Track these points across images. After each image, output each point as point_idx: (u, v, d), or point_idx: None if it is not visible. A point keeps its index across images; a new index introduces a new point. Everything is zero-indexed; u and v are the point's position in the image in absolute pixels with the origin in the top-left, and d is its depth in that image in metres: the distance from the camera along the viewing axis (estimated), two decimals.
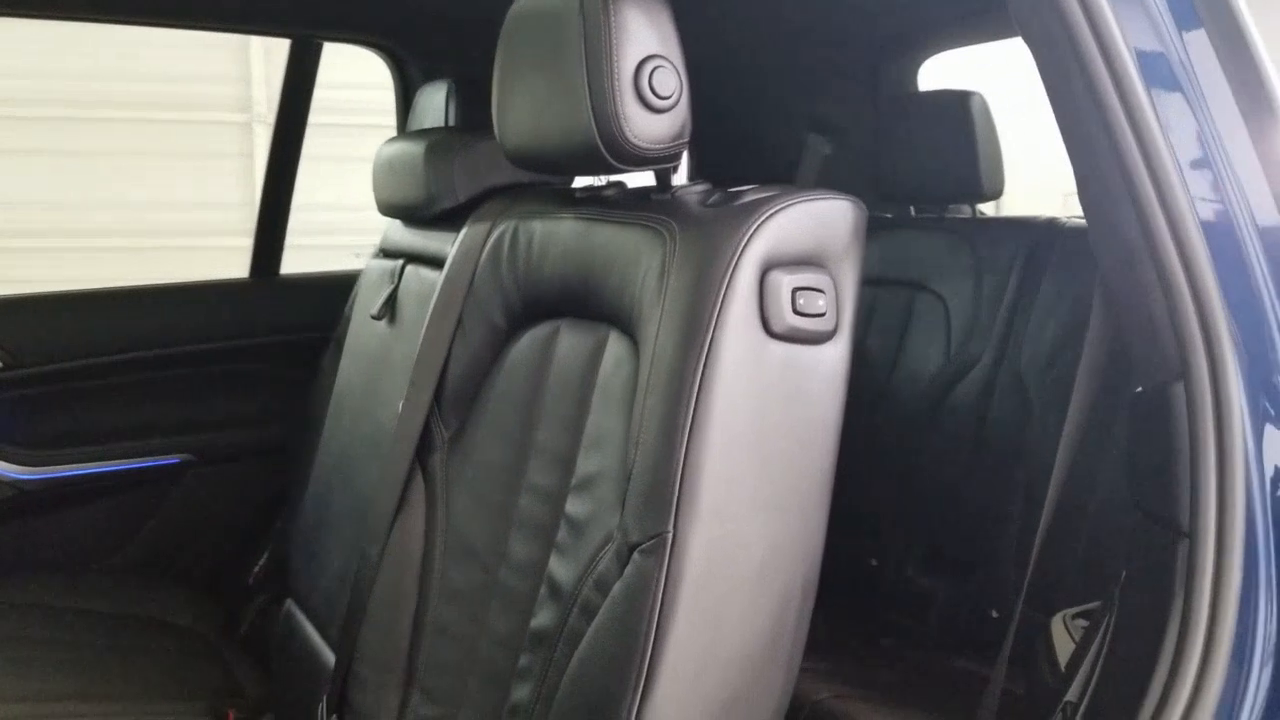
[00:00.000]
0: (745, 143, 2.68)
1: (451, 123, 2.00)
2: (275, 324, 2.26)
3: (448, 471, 1.26)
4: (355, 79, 2.65)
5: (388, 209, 1.83)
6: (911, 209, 2.41)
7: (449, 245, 1.36)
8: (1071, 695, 1.02)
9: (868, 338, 2.26)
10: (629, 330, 1.02)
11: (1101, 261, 1.04)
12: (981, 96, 2.14)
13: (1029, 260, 2.02)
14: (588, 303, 1.10)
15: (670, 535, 0.89)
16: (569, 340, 1.14)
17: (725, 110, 2.66)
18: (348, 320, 2.18)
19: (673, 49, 0.99)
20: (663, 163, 1.03)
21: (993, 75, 2.15)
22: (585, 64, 0.97)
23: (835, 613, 2.00)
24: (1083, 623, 1.16)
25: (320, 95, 2.40)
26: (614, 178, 1.16)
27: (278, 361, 2.25)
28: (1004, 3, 1.03)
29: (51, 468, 2.12)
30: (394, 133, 2.44)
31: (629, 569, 0.92)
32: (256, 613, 2.13)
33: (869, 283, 2.30)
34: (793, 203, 0.95)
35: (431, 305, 1.32)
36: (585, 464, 1.05)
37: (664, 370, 0.93)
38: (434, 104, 2.04)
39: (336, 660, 1.33)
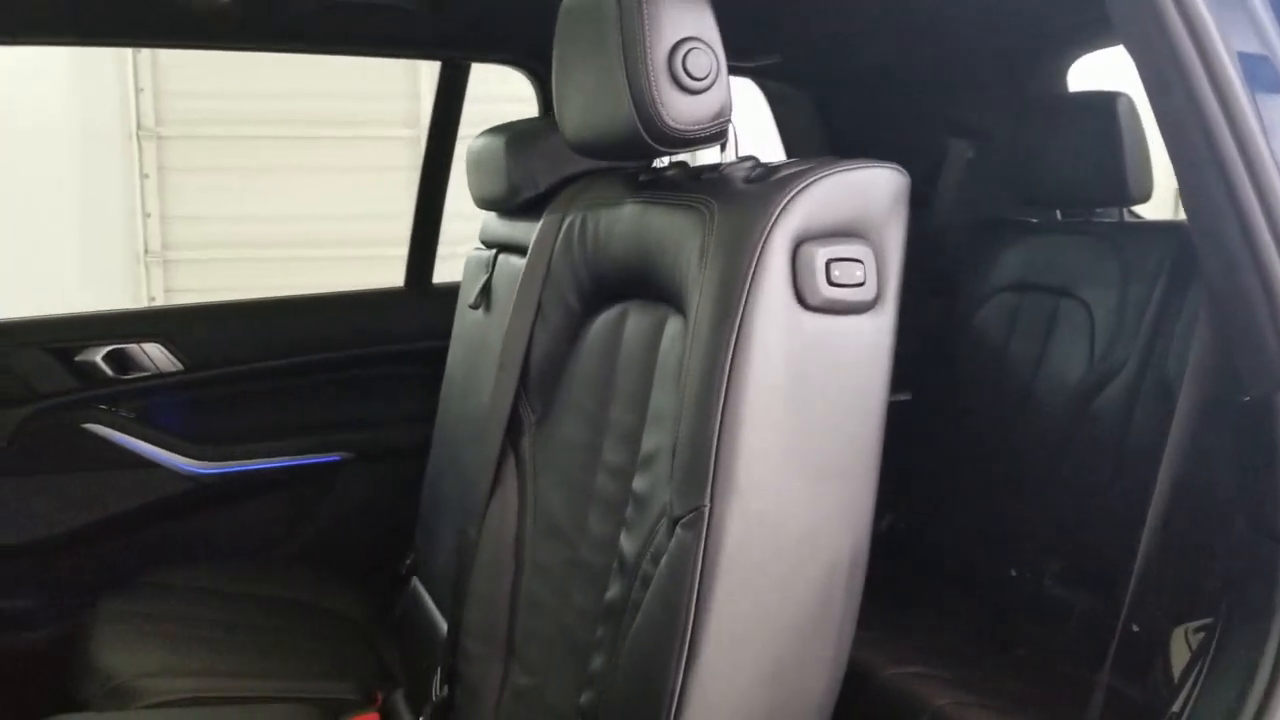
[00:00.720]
0: (886, 147, 2.66)
1: None
2: (427, 329, 2.39)
3: (534, 452, 1.31)
4: (504, 93, 2.76)
5: (480, 202, 1.93)
6: (1057, 213, 2.35)
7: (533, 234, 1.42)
8: (1175, 706, 1.01)
9: (1010, 344, 2.23)
10: (681, 309, 1.05)
11: (1205, 268, 1.02)
12: (1129, 98, 2.08)
13: (1176, 265, 1.95)
14: (648, 284, 1.13)
15: (707, 508, 0.91)
16: (635, 321, 1.17)
17: (866, 114, 2.66)
18: None
19: (707, 29, 1.00)
20: (705, 143, 1.03)
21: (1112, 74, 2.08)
22: (623, 51, 0.99)
23: (971, 620, 1.99)
24: (1201, 635, 1.13)
25: (471, 110, 2.52)
26: (676, 157, 1.18)
27: (430, 364, 2.37)
28: None
29: (225, 463, 2.29)
30: None
31: (672, 542, 0.94)
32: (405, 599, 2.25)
33: (1012, 288, 2.26)
34: (827, 174, 0.95)
35: (514, 292, 1.37)
36: (648, 441, 1.08)
37: (701, 347, 0.95)
38: None
39: (447, 634, 1.41)
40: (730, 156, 1.11)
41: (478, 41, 2.38)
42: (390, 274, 2.66)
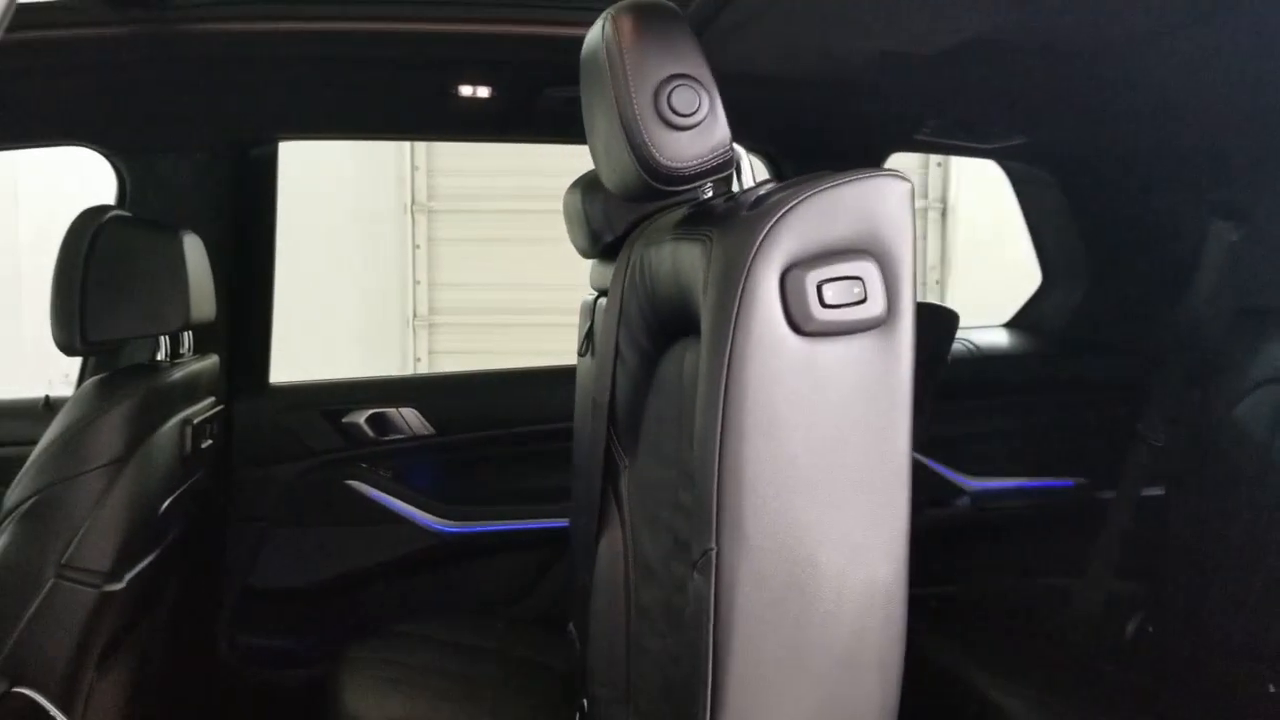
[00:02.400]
0: (1140, 230, 2.56)
1: None
2: None
3: (629, 495, 1.30)
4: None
5: (578, 250, 1.99)
6: None
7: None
8: None
9: (1275, 441, 2.07)
10: None
11: None
12: None
13: None
14: (690, 319, 1.10)
15: (715, 550, 0.88)
16: (690, 356, 1.14)
17: (1117, 195, 2.56)
18: None
19: (691, 65, 0.98)
20: (709, 176, 1.01)
21: None
22: (615, 97, 0.98)
23: None
24: None
25: None
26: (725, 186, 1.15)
27: None
28: None
29: (470, 522, 2.44)
30: None
31: (691, 587, 0.92)
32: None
33: (1278, 382, 2.11)
34: (815, 192, 0.90)
35: (598, 336, 1.38)
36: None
37: (702, 383, 0.92)
38: None
39: (580, 679, 1.43)
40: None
41: None
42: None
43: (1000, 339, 2.70)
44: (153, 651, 1.96)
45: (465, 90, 2.06)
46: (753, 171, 1.12)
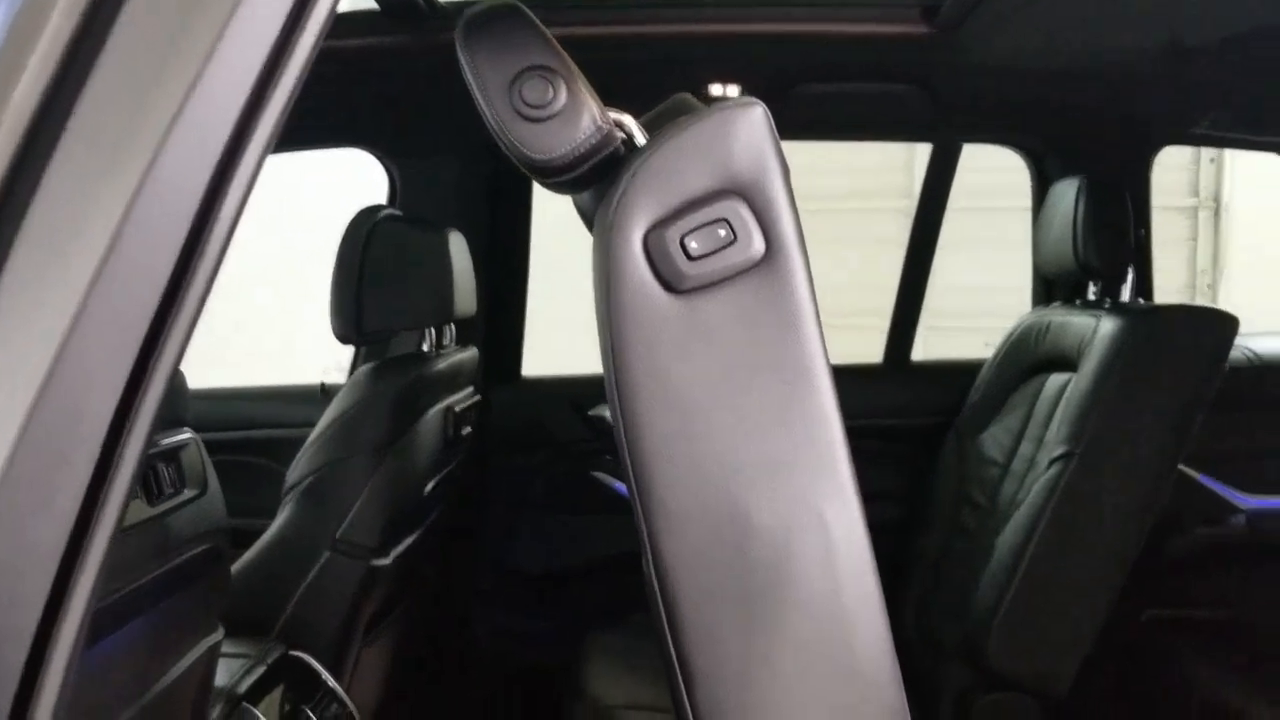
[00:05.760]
0: None
1: (1080, 219, 2.01)
2: (901, 408, 2.41)
3: None
4: (994, 164, 2.75)
5: None
6: None
7: None
8: None
9: None
10: None
11: None
12: None
13: None
14: None
15: (646, 539, 0.80)
16: None
17: None
18: (971, 407, 2.27)
19: (540, 55, 0.90)
20: (582, 164, 0.91)
21: None
22: (480, 105, 0.92)
23: None
24: None
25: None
26: None
27: (901, 442, 2.39)
28: None
29: None
30: (1029, 215, 2.50)
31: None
32: None
33: None
34: (654, 150, 0.83)
35: None
36: None
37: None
38: (1065, 199, 2.07)
39: None
40: None
41: (971, 124, 2.39)
42: (868, 342, 2.72)
43: None
44: (414, 626, 2.09)
45: (715, 90, 2.08)
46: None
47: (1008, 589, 1.82)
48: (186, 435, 1.22)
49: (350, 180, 3.07)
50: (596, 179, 0.93)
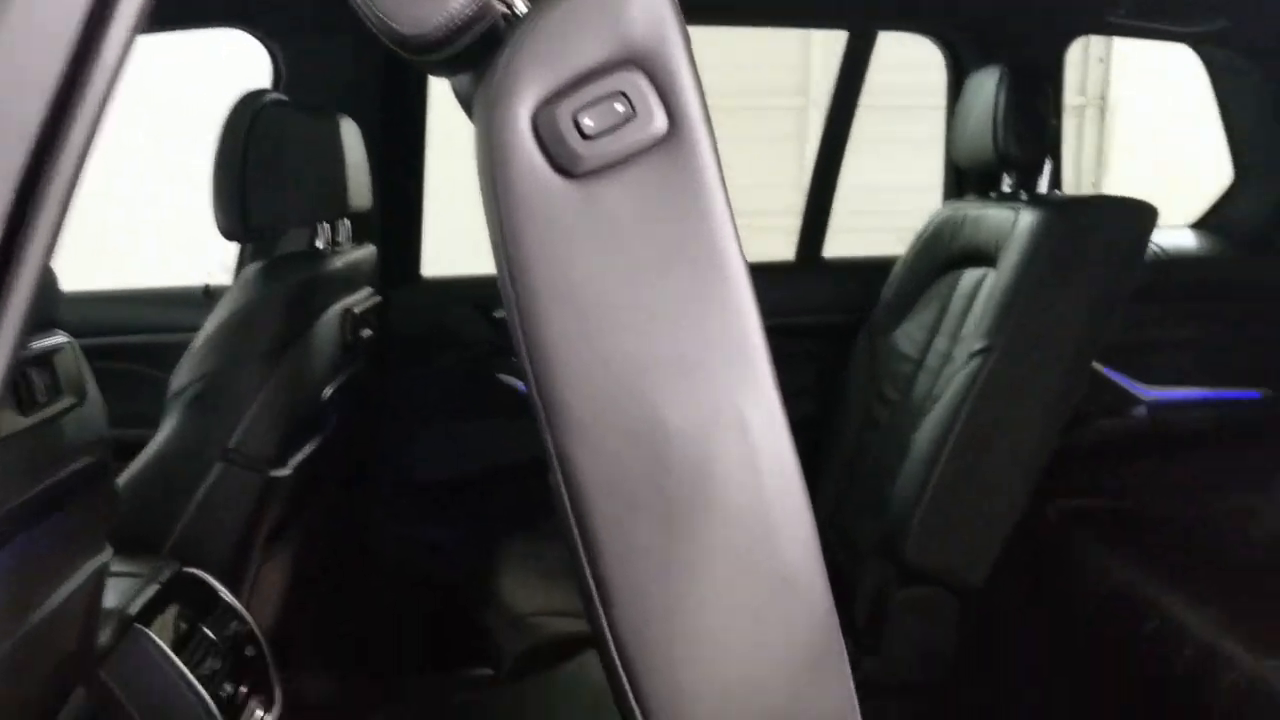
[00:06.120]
0: None
1: (1000, 107, 1.97)
2: (814, 305, 2.37)
3: None
4: (906, 60, 2.69)
5: None
6: None
7: None
8: None
9: None
10: None
11: None
12: None
13: None
14: None
15: (551, 449, 0.73)
16: None
17: None
18: (884, 303, 2.24)
19: None
20: (450, 43, 0.80)
21: None
22: None
23: None
24: None
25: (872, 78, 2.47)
26: None
27: (814, 340, 2.36)
28: None
29: None
30: (943, 114, 2.46)
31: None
32: None
33: None
34: (542, 14, 0.74)
35: None
36: None
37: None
38: (985, 88, 2.02)
39: None
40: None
41: (888, 11, 2.33)
42: (772, 243, 2.67)
43: (1185, 241, 2.52)
44: (315, 539, 2.00)
45: None
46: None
47: (926, 484, 1.82)
48: (61, 339, 1.09)
49: (227, 66, 2.86)
50: (475, 57, 0.81)
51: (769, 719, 0.76)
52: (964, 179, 2.39)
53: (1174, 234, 2.52)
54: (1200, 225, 2.54)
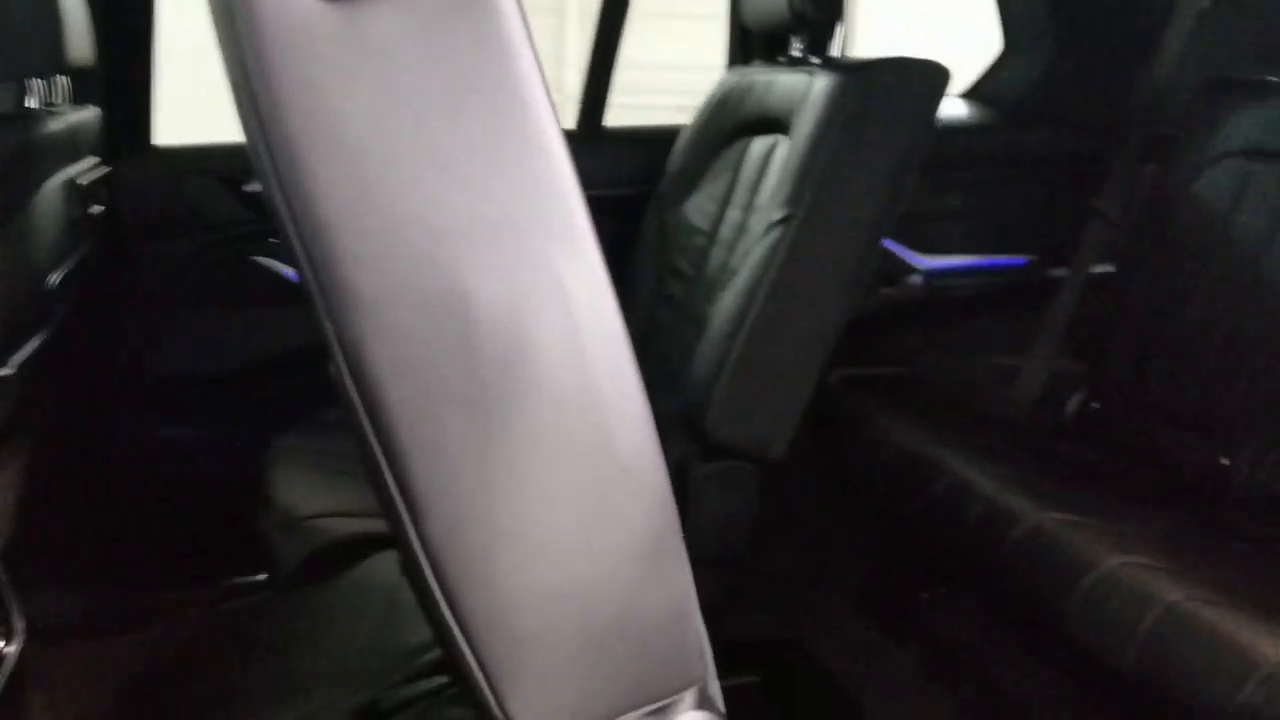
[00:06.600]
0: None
1: None
2: (599, 179, 2.27)
3: None
4: None
5: None
6: None
7: None
8: None
9: (1237, 215, 2.01)
10: None
11: None
12: None
13: None
14: None
15: (333, 336, 0.60)
16: None
17: None
18: (671, 175, 2.16)
19: None
20: None
21: None
22: None
23: (1181, 509, 1.85)
24: None
25: None
26: None
27: (599, 215, 2.26)
28: None
29: None
30: None
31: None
32: None
33: (1243, 154, 2.04)
34: None
35: None
36: None
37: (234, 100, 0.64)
38: None
39: None
40: None
41: None
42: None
43: (956, 110, 2.56)
44: (49, 446, 1.75)
45: None
46: None
47: (726, 357, 1.77)
48: None
49: None
50: None
51: (605, 623, 0.66)
52: (750, 45, 2.32)
53: (945, 103, 2.57)
54: (970, 95, 2.59)
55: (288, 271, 2.12)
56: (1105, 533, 1.62)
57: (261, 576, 1.95)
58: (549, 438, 0.63)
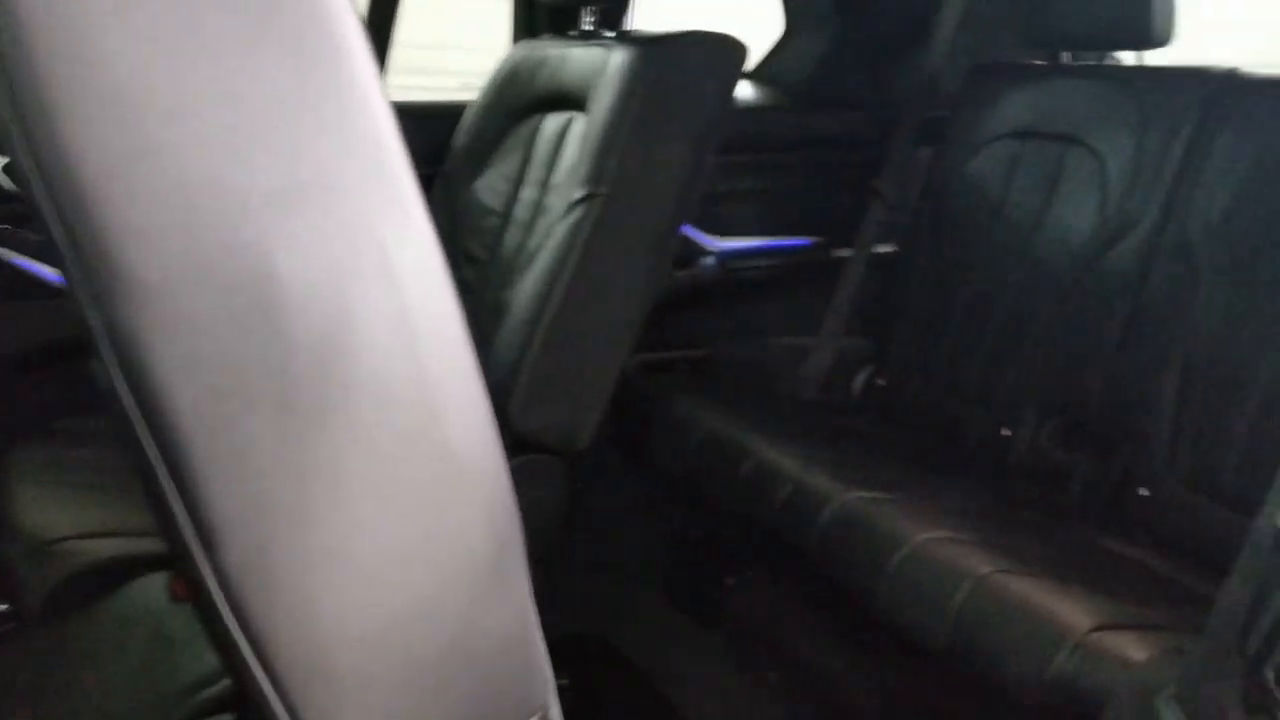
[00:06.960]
0: None
1: None
2: None
3: None
4: None
5: None
6: (1067, 55, 2.20)
7: None
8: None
9: (1009, 194, 2.10)
10: None
11: None
12: None
13: (1204, 114, 1.83)
14: None
15: (103, 332, 0.49)
16: None
17: None
18: (457, 154, 2.04)
19: None
20: None
21: None
22: None
23: (971, 481, 1.91)
24: None
25: None
26: None
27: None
28: None
29: None
30: None
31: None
32: None
33: (1013, 135, 2.12)
34: None
35: None
36: None
37: None
38: None
39: None
40: None
41: None
42: None
43: (742, 91, 2.56)
44: None
45: None
46: None
47: (529, 344, 1.68)
48: None
49: None
50: None
51: (441, 653, 0.57)
52: (536, 18, 2.23)
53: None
54: (754, 76, 2.59)
55: (24, 264, 1.87)
56: (908, 508, 1.64)
57: (3, 607, 1.72)
58: (375, 440, 0.53)
